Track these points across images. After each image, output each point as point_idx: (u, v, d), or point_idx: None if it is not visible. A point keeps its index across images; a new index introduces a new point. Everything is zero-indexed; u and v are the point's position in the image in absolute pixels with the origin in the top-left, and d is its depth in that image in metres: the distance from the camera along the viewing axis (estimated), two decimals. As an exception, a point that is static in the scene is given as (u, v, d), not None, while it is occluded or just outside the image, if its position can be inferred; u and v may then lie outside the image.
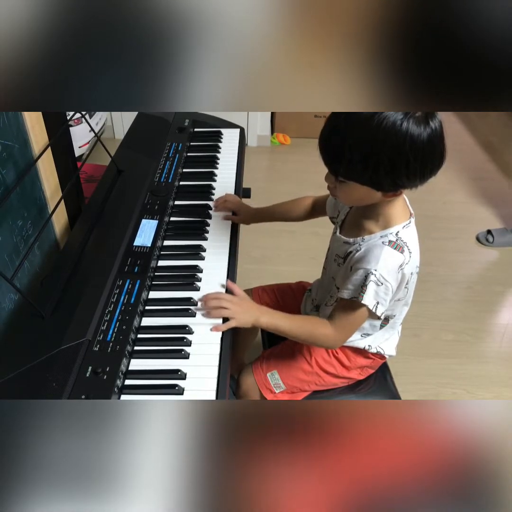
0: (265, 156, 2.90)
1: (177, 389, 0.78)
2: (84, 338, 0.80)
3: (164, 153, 1.30)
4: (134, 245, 1.00)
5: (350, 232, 0.97)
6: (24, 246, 0.98)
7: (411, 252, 0.89)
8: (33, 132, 0.99)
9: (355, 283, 0.89)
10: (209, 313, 0.92)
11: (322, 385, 1.11)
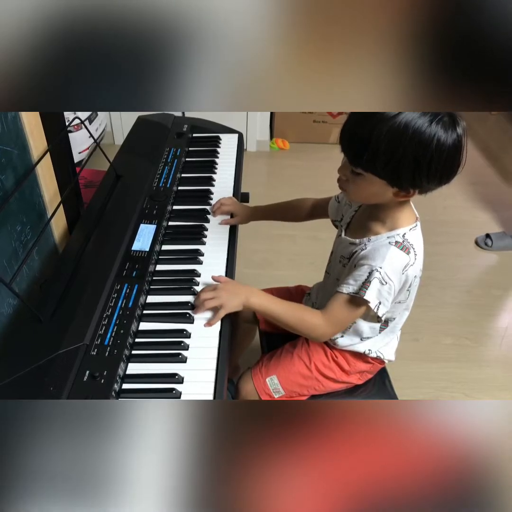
0: (264, 161, 2.91)
1: (174, 393, 0.78)
2: (82, 343, 0.80)
3: (162, 158, 1.31)
4: (132, 249, 1.01)
5: (356, 233, 0.97)
6: (23, 251, 0.98)
7: (416, 255, 0.90)
8: (32, 138, 1.00)
9: (358, 279, 0.88)
10: (196, 310, 0.92)
11: (321, 390, 1.11)
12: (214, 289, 0.93)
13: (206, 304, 0.91)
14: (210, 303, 0.91)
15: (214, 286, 0.94)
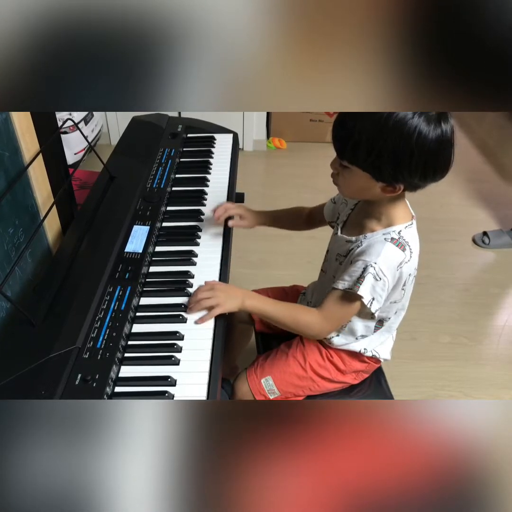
0: (261, 161, 2.90)
1: (167, 395, 0.77)
2: (74, 346, 0.80)
3: (156, 159, 1.31)
4: (126, 251, 1.00)
5: (352, 231, 0.97)
6: (16, 254, 0.98)
7: (412, 252, 0.90)
8: (23, 140, 0.99)
9: (352, 274, 0.89)
10: (191, 308, 0.92)
11: (316, 391, 1.11)
12: (211, 289, 0.93)
13: (203, 303, 0.91)
14: (207, 302, 0.91)
15: (211, 286, 0.94)
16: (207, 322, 0.91)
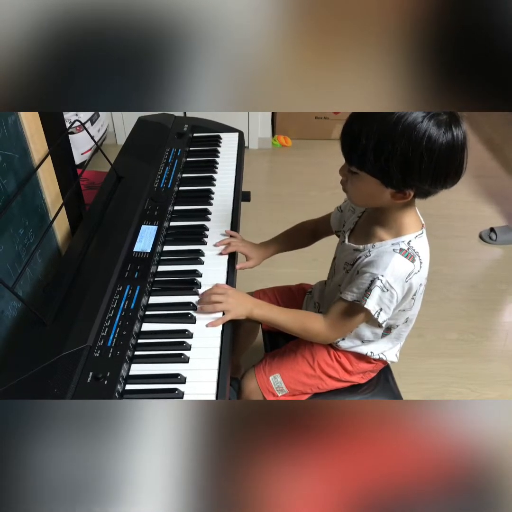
0: (266, 159, 2.90)
1: (177, 393, 0.78)
2: (85, 344, 0.81)
3: (163, 158, 1.32)
4: (134, 251, 1.01)
5: (360, 239, 0.96)
6: (26, 255, 0.99)
7: (422, 262, 0.88)
8: (32, 142, 1.00)
9: (360, 287, 0.88)
10: (202, 308, 0.93)
11: (324, 389, 1.11)
12: (224, 293, 0.94)
13: (216, 306, 0.92)
14: (219, 306, 0.92)
15: (225, 291, 0.95)
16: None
